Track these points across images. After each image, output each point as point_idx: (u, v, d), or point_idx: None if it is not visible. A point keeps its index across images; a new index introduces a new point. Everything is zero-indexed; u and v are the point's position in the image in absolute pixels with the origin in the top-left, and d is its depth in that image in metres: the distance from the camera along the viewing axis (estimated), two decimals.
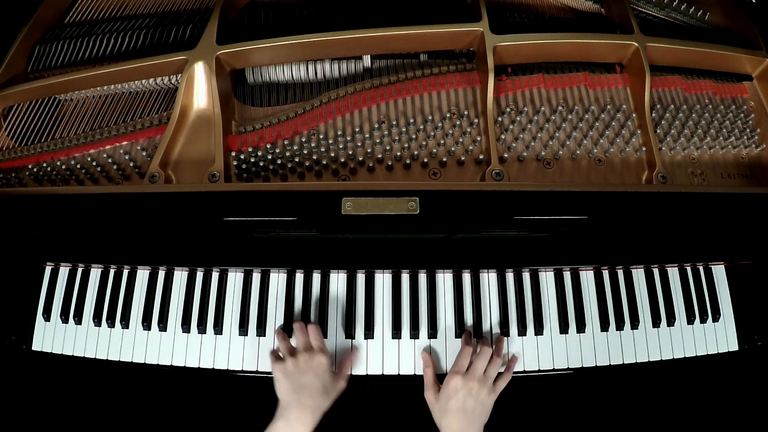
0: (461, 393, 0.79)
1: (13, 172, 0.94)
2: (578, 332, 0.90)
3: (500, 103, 0.97)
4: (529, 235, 0.88)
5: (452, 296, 0.92)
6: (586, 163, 0.93)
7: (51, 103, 0.99)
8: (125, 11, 1.08)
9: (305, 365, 0.80)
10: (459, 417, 0.78)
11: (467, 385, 0.79)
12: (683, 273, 0.95)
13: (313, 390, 0.78)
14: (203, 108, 0.95)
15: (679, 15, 1.11)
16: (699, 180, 0.95)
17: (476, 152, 0.92)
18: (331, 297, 0.92)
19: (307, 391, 0.78)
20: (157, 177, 0.88)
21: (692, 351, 0.91)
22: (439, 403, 0.80)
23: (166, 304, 0.92)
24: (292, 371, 0.80)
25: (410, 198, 0.82)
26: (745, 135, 0.98)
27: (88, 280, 0.94)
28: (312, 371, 0.79)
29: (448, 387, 0.80)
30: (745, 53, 1.01)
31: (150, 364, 0.90)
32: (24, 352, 0.92)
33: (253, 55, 0.95)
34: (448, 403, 0.79)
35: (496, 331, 0.90)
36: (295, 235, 0.88)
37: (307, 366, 0.80)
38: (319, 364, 0.80)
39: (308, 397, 0.78)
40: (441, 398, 0.80)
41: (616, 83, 1.00)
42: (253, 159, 0.91)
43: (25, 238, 0.91)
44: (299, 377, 0.79)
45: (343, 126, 0.94)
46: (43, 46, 1.03)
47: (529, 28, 1.04)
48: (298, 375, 0.79)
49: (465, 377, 0.80)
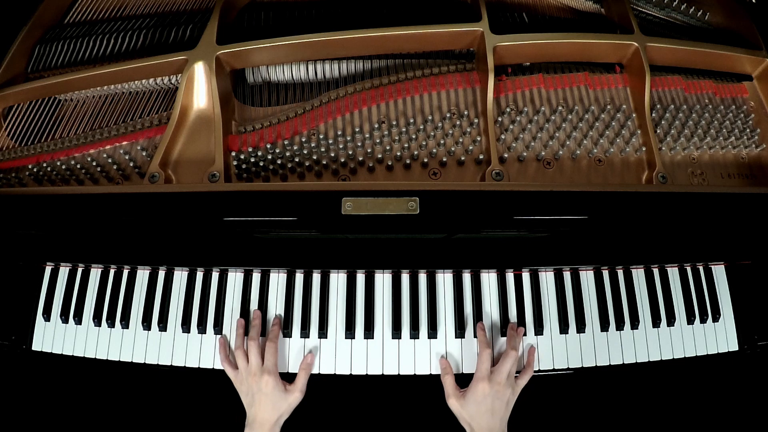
0: (489, 398, 0.80)
1: (13, 172, 0.94)
2: (578, 332, 0.90)
3: (500, 103, 0.97)
4: (529, 235, 0.88)
5: (452, 296, 0.92)
6: (586, 163, 0.93)
7: (51, 103, 0.99)
8: (125, 11, 1.08)
9: (255, 386, 0.82)
10: (488, 417, 0.79)
11: (494, 389, 0.80)
12: (683, 273, 0.95)
13: (264, 406, 0.81)
14: (203, 108, 0.95)
15: (679, 15, 1.11)
16: (699, 180, 0.95)
17: (476, 152, 0.92)
18: (331, 297, 0.92)
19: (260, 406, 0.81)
20: (157, 177, 0.88)
21: (692, 351, 0.91)
22: (468, 408, 0.80)
23: (166, 304, 0.92)
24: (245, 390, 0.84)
25: (410, 198, 0.82)
26: (745, 135, 0.98)
27: (88, 280, 0.94)
28: (260, 392, 0.82)
29: (476, 393, 0.80)
30: (745, 53, 1.01)
31: (150, 364, 0.90)
32: (24, 352, 0.92)
33: (253, 55, 0.95)
34: (478, 407, 0.80)
35: (497, 332, 0.90)
36: (295, 235, 0.88)
37: (257, 387, 0.82)
38: (266, 384, 0.82)
39: (263, 411, 0.81)
40: (469, 404, 0.80)
41: (616, 83, 1.00)
42: (253, 159, 0.91)
43: (25, 238, 0.91)
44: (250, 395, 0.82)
45: (343, 126, 0.94)
46: (43, 46, 1.03)
47: (529, 28, 1.04)
48: (250, 393, 0.83)
49: (492, 382, 0.81)
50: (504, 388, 0.81)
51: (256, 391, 0.82)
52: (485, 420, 0.79)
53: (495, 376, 0.81)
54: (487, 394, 0.80)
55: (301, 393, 0.84)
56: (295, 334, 0.90)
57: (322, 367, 0.88)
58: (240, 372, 0.84)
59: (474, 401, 0.80)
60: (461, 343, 0.89)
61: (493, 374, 0.82)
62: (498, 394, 0.80)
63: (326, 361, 0.89)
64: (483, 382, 0.81)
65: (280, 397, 0.82)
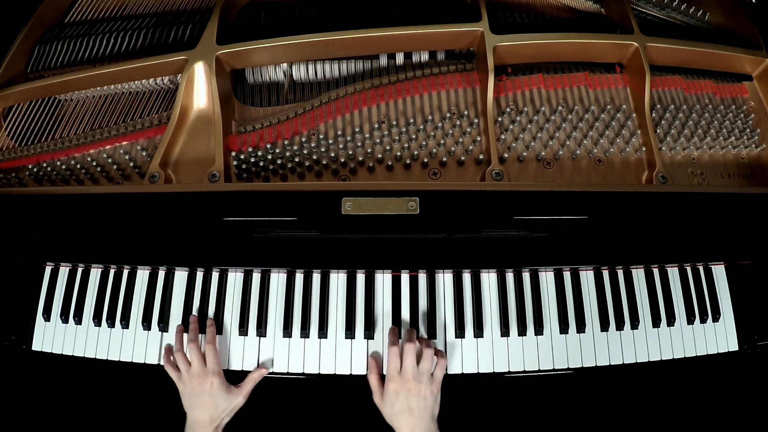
0: (401, 395, 0.79)
1: (13, 172, 0.94)
2: (578, 332, 0.90)
3: (500, 103, 0.97)
4: (529, 235, 0.88)
5: (452, 296, 0.92)
6: (586, 163, 0.93)
7: (51, 103, 0.99)
8: (125, 11, 1.08)
9: (199, 387, 0.82)
10: (406, 416, 0.78)
11: (404, 386, 0.79)
12: (683, 273, 0.95)
13: (207, 407, 0.82)
14: (203, 108, 0.95)
15: (679, 15, 1.11)
16: (699, 180, 0.95)
17: (476, 152, 0.92)
18: (331, 297, 0.92)
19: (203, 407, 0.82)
20: (157, 177, 0.88)
21: (692, 351, 0.91)
22: (385, 408, 0.81)
23: (166, 305, 0.92)
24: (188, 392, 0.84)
25: (410, 198, 0.82)
26: (745, 135, 0.98)
27: (88, 280, 0.94)
28: (204, 393, 0.82)
29: (388, 392, 0.80)
30: (745, 53, 1.01)
31: (150, 364, 0.90)
32: (24, 352, 0.92)
33: (253, 55, 0.95)
34: (392, 407, 0.80)
35: (497, 332, 0.90)
36: (295, 235, 0.88)
37: (201, 388, 0.82)
38: (212, 384, 0.82)
39: (205, 412, 0.81)
40: (386, 403, 0.81)
41: (616, 83, 1.00)
42: (253, 159, 0.91)
43: (25, 238, 0.91)
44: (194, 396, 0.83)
45: (343, 126, 0.94)
46: (43, 46, 1.03)
47: (529, 28, 1.04)
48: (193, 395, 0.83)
49: (400, 380, 0.80)
50: (416, 384, 0.79)
51: (200, 392, 0.82)
52: (404, 419, 0.78)
53: (402, 374, 0.80)
54: (399, 391, 0.79)
55: (245, 398, 0.85)
56: (295, 335, 0.90)
57: (322, 368, 0.88)
58: (183, 374, 0.85)
59: (388, 402, 0.80)
60: (461, 343, 0.89)
61: (400, 372, 0.81)
62: (411, 391, 0.79)
63: (326, 361, 0.89)
64: (392, 380, 0.80)
65: (224, 398, 0.83)
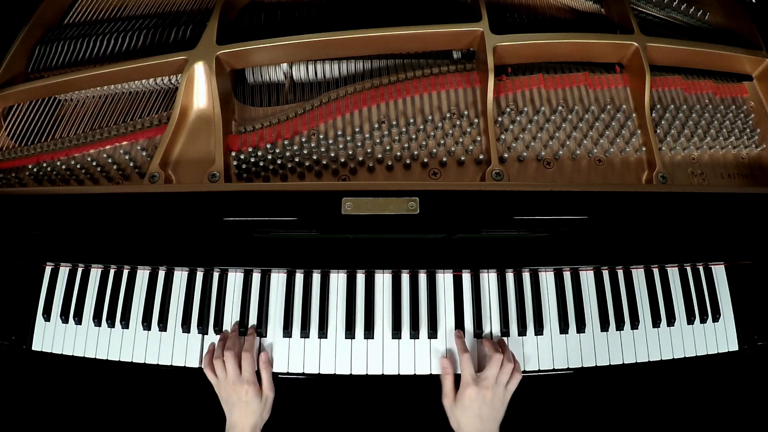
0: (476, 403, 0.80)
1: (13, 172, 0.94)
2: (578, 332, 0.90)
3: (500, 103, 0.97)
4: (529, 235, 0.88)
5: (452, 296, 0.92)
6: (586, 163, 0.93)
7: (51, 103, 0.99)
8: (125, 11, 1.08)
9: (235, 396, 0.83)
10: (476, 423, 0.79)
11: (481, 393, 0.80)
12: (683, 273, 0.95)
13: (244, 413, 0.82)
14: (203, 108, 0.95)
15: (679, 15, 1.11)
16: (699, 180, 0.95)
17: (476, 152, 0.92)
18: (331, 297, 0.92)
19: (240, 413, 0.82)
20: (157, 177, 0.88)
21: (692, 351, 0.91)
22: (455, 413, 0.81)
23: (166, 304, 0.92)
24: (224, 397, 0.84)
25: (410, 198, 0.82)
26: (745, 135, 0.98)
27: (88, 280, 0.94)
28: (241, 401, 0.82)
29: (464, 398, 0.81)
30: (745, 53, 1.01)
31: (150, 364, 0.90)
32: (24, 352, 0.92)
33: (253, 55, 0.95)
34: (464, 412, 0.80)
35: (497, 331, 0.90)
36: (295, 235, 0.88)
37: (236, 396, 0.83)
38: (247, 393, 0.83)
39: (243, 418, 0.82)
40: (457, 408, 0.81)
41: (616, 83, 1.00)
42: (253, 159, 0.91)
43: (25, 238, 0.91)
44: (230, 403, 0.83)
45: (343, 126, 0.94)
46: (43, 46, 1.03)
47: (529, 28, 1.04)
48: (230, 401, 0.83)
49: (478, 387, 0.80)
50: (492, 393, 0.80)
51: (236, 400, 0.82)
52: (473, 425, 0.79)
53: (482, 381, 0.81)
54: (474, 399, 0.80)
55: (272, 391, 0.85)
56: (295, 334, 0.90)
57: (322, 367, 0.88)
58: (220, 380, 0.85)
59: (462, 406, 0.81)
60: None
61: (480, 379, 0.81)
62: (486, 399, 0.80)
63: (326, 361, 0.89)
64: (469, 387, 0.81)
65: (258, 404, 0.83)
